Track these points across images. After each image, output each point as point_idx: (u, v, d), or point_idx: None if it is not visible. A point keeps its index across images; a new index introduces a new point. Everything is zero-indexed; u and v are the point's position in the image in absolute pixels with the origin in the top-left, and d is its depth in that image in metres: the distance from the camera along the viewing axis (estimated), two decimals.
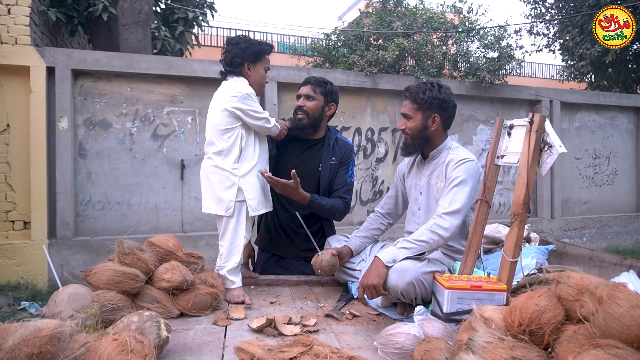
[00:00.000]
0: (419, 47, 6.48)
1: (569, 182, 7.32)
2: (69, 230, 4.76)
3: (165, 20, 6.95)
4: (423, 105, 1.97)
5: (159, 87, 5.21)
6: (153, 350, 0.97)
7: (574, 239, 7.19)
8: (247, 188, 2.06)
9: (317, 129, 2.38)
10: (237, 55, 2.10)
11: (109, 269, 1.64)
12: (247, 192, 2.06)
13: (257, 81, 2.17)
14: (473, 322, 1.33)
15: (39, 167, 4.68)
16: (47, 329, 0.85)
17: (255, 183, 2.10)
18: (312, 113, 2.33)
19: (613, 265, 1.77)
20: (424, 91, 1.97)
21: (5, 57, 4.64)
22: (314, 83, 2.35)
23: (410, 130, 1.99)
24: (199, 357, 1.41)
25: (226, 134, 2.04)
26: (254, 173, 2.10)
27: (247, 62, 2.12)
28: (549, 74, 15.91)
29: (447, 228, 1.75)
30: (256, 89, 2.16)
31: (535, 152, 1.48)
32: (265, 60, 2.19)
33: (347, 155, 2.45)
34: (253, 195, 2.08)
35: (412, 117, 1.99)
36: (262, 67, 2.18)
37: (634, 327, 0.99)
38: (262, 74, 2.19)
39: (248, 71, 2.14)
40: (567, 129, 7.34)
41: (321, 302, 2.02)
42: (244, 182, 2.05)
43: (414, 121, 1.98)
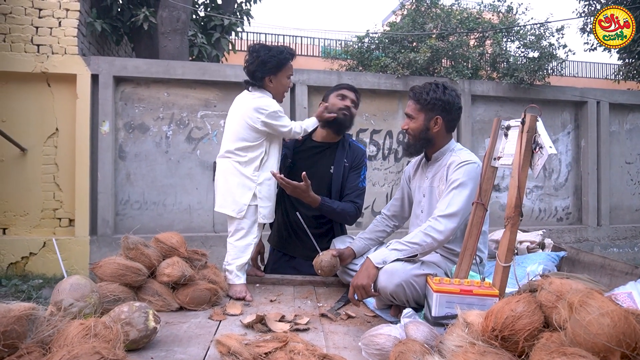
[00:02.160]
0: (453, 48, 6.34)
1: (618, 188, 6.87)
2: (109, 228, 5.05)
3: (202, 27, 7.23)
4: (426, 106, 1.94)
5: (193, 92, 5.43)
6: (120, 336, 1.03)
7: (623, 248, 6.74)
8: (262, 196, 2.13)
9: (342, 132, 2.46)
10: (258, 69, 2.14)
11: (113, 262, 1.75)
12: (261, 200, 2.13)
13: (279, 91, 2.22)
14: (455, 326, 1.31)
15: (83, 168, 5.01)
16: (16, 310, 0.93)
17: (271, 192, 2.17)
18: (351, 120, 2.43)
19: (624, 274, 1.66)
20: (427, 92, 1.94)
21: (55, 66, 5.02)
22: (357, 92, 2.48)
23: (413, 130, 1.97)
24: (186, 349, 1.47)
25: (252, 148, 2.12)
26: (272, 182, 2.17)
27: (268, 76, 2.16)
28: (597, 73, 15.00)
29: (442, 231, 1.71)
30: (278, 98, 2.22)
31: (526, 153, 1.42)
32: (287, 68, 2.20)
33: (360, 160, 2.46)
34: (266, 203, 2.15)
35: (415, 117, 1.97)
36: (284, 76, 2.20)
37: (600, 335, 0.94)
38: (284, 82, 2.22)
39: (270, 83, 2.17)
40: (617, 132, 6.91)
41: (321, 302, 2.03)
42: (260, 189, 2.13)
43: (416, 122, 1.96)
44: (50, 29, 5.07)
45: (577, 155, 6.76)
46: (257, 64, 2.14)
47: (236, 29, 7.51)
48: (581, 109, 6.71)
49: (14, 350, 0.91)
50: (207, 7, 7.42)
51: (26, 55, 4.98)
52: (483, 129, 6.37)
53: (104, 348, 0.90)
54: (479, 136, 6.36)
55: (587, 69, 15.22)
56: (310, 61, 12.07)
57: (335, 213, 2.33)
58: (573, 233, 6.52)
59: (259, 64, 2.14)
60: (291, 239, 2.49)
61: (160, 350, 1.43)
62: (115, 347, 0.98)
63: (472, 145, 6.21)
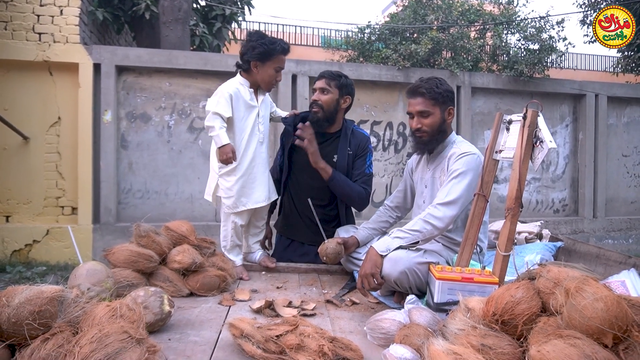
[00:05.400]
0: (454, 40, 6.36)
1: (614, 181, 6.96)
2: (112, 217, 5.10)
3: (204, 17, 7.22)
4: (440, 99, 1.97)
5: (195, 81, 5.45)
6: (142, 317, 1.10)
7: (618, 240, 6.85)
8: (222, 187, 2.20)
9: (332, 122, 2.42)
10: (246, 53, 2.19)
11: (126, 249, 1.81)
12: (222, 191, 2.21)
13: (264, 79, 2.22)
14: (457, 311, 1.37)
15: (85, 157, 5.05)
16: (48, 291, 0.99)
17: (230, 185, 2.18)
18: (327, 106, 2.37)
19: (618, 263, 1.73)
20: (437, 85, 1.97)
21: (57, 55, 5.03)
22: (328, 77, 2.39)
23: (429, 126, 1.98)
24: (199, 332, 1.53)
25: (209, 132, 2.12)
26: (234, 174, 2.17)
27: (254, 61, 2.18)
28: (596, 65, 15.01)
29: (441, 218, 1.77)
30: (263, 86, 2.25)
31: (527, 147, 1.48)
32: (277, 60, 2.22)
33: (364, 146, 2.46)
34: (227, 194, 2.20)
35: (432, 112, 1.97)
36: (271, 67, 2.21)
37: (594, 319, 1.00)
38: (270, 73, 2.22)
39: (255, 69, 2.20)
40: (615, 125, 6.97)
41: (326, 289, 2.10)
42: (221, 181, 2.20)
43: (433, 117, 1.97)
44: (52, 17, 5.07)
45: (574, 148, 6.83)
46: (247, 48, 2.19)
47: (237, 18, 7.50)
48: (579, 102, 6.76)
49: (47, 329, 0.97)
50: None
51: (28, 43, 4.98)
52: (482, 121, 6.43)
53: (130, 328, 0.97)
54: (479, 128, 6.42)
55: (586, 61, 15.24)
56: (310, 51, 12.04)
57: (346, 186, 2.34)
58: (569, 225, 6.61)
59: (249, 47, 2.19)
60: (299, 226, 2.53)
61: (175, 333, 1.50)
62: (139, 327, 1.04)
63: (471, 137, 6.26)
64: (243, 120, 2.20)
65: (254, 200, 2.24)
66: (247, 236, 2.38)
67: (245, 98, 2.20)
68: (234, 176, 2.18)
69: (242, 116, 2.20)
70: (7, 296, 0.97)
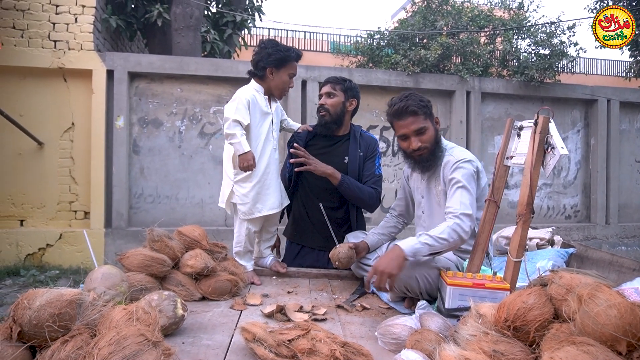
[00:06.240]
0: (464, 46, 6.36)
1: (627, 187, 6.88)
2: (123, 221, 5.16)
3: (215, 23, 7.30)
4: (428, 112, 1.94)
5: (206, 87, 5.51)
6: (158, 320, 1.11)
7: (632, 247, 6.76)
8: (238, 194, 2.22)
9: (340, 125, 2.47)
10: (262, 60, 2.22)
11: (140, 253, 1.83)
12: (237, 198, 2.23)
13: (278, 86, 2.27)
14: (469, 317, 1.37)
15: (98, 162, 5.12)
16: (68, 294, 1.01)
17: (246, 191, 2.20)
18: (334, 110, 2.43)
19: (631, 270, 1.72)
20: (420, 99, 1.93)
21: (72, 62, 5.12)
22: (333, 81, 2.45)
23: (429, 142, 1.92)
24: (212, 335, 1.55)
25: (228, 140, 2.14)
26: (250, 181, 2.19)
27: (270, 67, 2.22)
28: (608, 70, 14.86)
29: (466, 231, 1.72)
30: (277, 93, 2.28)
31: (539, 153, 1.48)
32: (290, 66, 2.27)
33: (373, 148, 2.51)
34: (242, 201, 2.22)
35: (427, 127, 1.91)
36: (285, 73, 2.26)
37: (608, 326, 1.00)
38: (284, 79, 2.26)
39: (270, 75, 2.24)
40: (627, 130, 6.90)
41: (336, 294, 2.11)
42: (237, 188, 2.22)
43: (429, 131, 1.93)
44: (67, 25, 5.17)
45: (586, 154, 6.77)
46: (262, 55, 2.23)
47: (248, 25, 7.58)
48: (591, 107, 6.71)
49: (67, 331, 0.99)
50: (219, 4, 7.49)
51: (43, 51, 5.09)
52: (492, 127, 6.40)
53: (147, 331, 0.99)
54: (489, 133, 6.39)
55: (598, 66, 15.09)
56: (319, 57, 12.10)
57: (356, 190, 2.35)
58: (581, 231, 6.54)
59: (264, 55, 2.22)
60: (309, 232, 2.55)
61: (188, 337, 1.52)
62: (154, 330, 1.06)
63: (481, 143, 6.25)
64: (258, 127, 2.22)
65: (269, 206, 2.27)
66: (259, 242, 2.40)
67: (260, 105, 2.23)
68: (250, 182, 2.20)
69: (258, 123, 2.22)
70: (28, 299, 1.00)
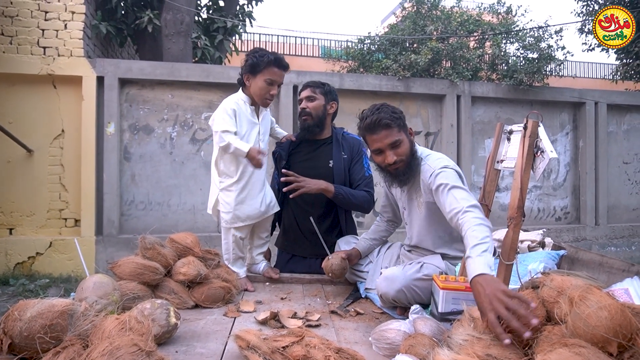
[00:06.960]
0: (453, 50, 6.42)
1: (616, 188, 6.97)
2: (114, 229, 5.12)
3: (205, 29, 7.30)
4: (402, 123, 1.88)
5: (197, 93, 5.50)
6: (151, 330, 1.11)
7: (621, 247, 6.84)
8: (222, 202, 2.23)
9: (322, 127, 2.48)
10: (241, 68, 2.23)
11: (132, 261, 1.82)
12: (221, 206, 2.23)
13: (255, 92, 2.21)
14: (462, 321, 1.38)
15: (88, 169, 5.08)
16: (59, 305, 1.00)
17: (229, 199, 2.20)
18: (315, 112, 2.43)
19: (621, 271, 1.74)
20: (392, 111, 1.87)
21: (61, 68, 5.09)
22: (313, 85, 2.47)
23: (405, 154, 1.84)
24: (205, 344, 1.54)
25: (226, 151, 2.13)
26: (234, 189, 2.19)
27: (246, 74, 2.21)
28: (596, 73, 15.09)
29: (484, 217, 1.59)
30: (257, 100, 2.23)
31: (528, 157, 1.50)
32: (266, 72, 2.18)
33: (358, 149, 2.50)
34: (225, 209, 2.22)
35: (402, 139, 1.83)
36: (261, 79, 2.18)
37: (599, 327, 1.01)
38: (260, 85, 2.18)
39: (247, 82, 2.22)
40: (615, 132, 7.00)
41: (330, 299, 2.10)
42: (221, 195, 2.22)
43: (404, 143, 1.85)
44: (56, 32, 5.14)
45: (575, 156, 6.85)
46: (243, 63, 2.25)
47: (239, 31, 7.59)
48: (579, 110, 6.80)
49: (59, 342, 0.98)
50: (210, 10, 7.49)
51: (32, 57, 5.05)
52: (483, 130, 6.46)
53: (140, 341, 0.98)
54: (479, 137, 6.45)
55: (585, 69, 15.32)
56: (310, 62, 12.14)
57: (351, 198, 2.35)
58: (571, 232, 6.61)
59: (243, 62, 2.24)
60: (300, 241, 2.55)
61: (181, 345, 1.51)
62: (148, 339, 1.05)
63: (472, 146, 6.30)
64: (245, 137, 2.20)
65: (248, 216, 2.25)
66: (251, 248, 2.40)
67: (246, 114, 2.22)
68: (233, 192, 2.20)
69: (245, 132, 2.21)
70: (19, 310, 0.99)
